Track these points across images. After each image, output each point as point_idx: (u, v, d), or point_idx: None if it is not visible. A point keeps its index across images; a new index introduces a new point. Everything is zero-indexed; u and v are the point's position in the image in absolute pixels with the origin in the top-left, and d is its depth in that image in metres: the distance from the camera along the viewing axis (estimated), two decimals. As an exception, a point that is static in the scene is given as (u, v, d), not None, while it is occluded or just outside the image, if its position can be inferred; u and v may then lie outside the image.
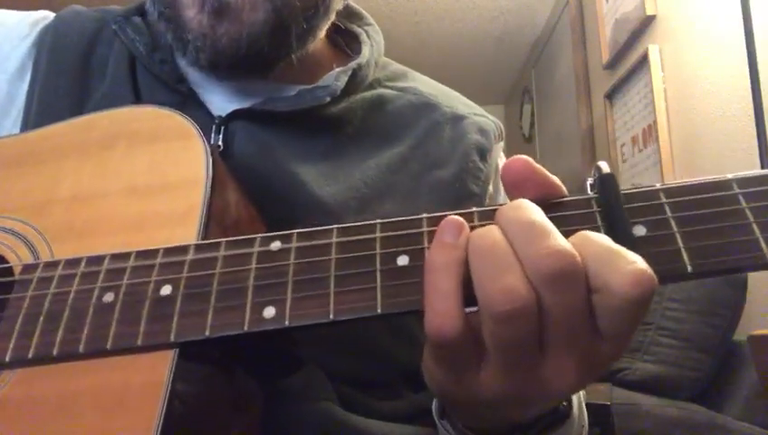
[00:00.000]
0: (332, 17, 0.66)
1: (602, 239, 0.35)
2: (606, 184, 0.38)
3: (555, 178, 0.40)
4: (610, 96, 2.92)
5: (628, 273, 0.33)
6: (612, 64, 2.89)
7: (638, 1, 2.55)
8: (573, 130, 3.37)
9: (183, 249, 0.43)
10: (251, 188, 0.56)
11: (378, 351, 0.62)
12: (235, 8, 0.58)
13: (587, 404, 0.56)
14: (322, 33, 0.67)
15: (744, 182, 0.38)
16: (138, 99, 0.64)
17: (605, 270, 0.34)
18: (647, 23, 2.53)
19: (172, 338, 0.39)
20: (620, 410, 1.56)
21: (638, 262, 0.33)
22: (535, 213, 0.36)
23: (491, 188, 0.69)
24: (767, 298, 1.84)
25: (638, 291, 0.33)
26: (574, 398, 0.49)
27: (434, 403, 0.49)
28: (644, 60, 2.51)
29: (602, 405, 1.48)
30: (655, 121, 2.41)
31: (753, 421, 1.57)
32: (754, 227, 0.36)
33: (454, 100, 0.74)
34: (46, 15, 0.72)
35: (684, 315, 1.79)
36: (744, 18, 1.82)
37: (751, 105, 1.79)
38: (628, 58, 2.70)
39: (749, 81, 1.78)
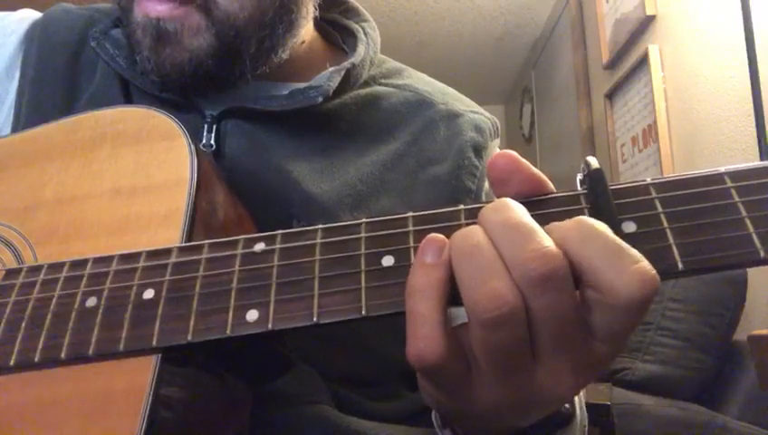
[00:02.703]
0: (300, 32, 0.65)
1: (602, 231, 0.34)
2: (595, 179, 0.37)
3: (541, 174, 0.39)
4: (610, 96, 2.91)
5: (633, 273, 0.32)
6: (612, 64, 2.88)
7: (637, 1, 2.54)
8: (573, 130, 3.37)
9: (166, 252, 0.42)
10: (244, 186, 0.56)
11: (373, 349, 0.61)
12: (175, 35, 0.57)
13: (586, 404, 0.55)
14: (297, 41, 0.65)
15: (737, 176, 0.36)
16: (128, 98, 0.64)
17: (608, 270, 0.32)
18: (647, 23, 2.52)
19: (154, 343, 0.39)
20: (620, 410, 1.55)
21: (643, 262, 0.32)
22: (518, 213, 0.35)
23: (487, 184, 0.69)
24: (767, 298, 1.84)
25: (644, 293, 0.32)
26: (576, 399, 0.48)
27: (433, 413, 0.48)
28: (644, 60, 2.50)
29: (602, 405, 1.47)
30: (655, 121, 2.40)
31: (753, 421, 1.56)
32: (747, 221, 0.35)
33: (449, 97, 0.73)
34: (30, 14, 0.71)
35: (684, 315, 1.79)
36: (744, 18, 1.82)
37: (751, 105, 1.78)
38: (628, 58, 2.70)
39: (749, 81, 1.78)
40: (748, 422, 1.56)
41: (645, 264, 0.32)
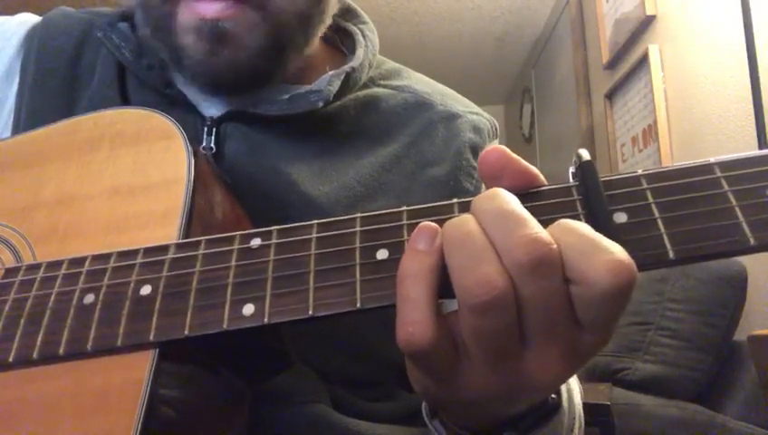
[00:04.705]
0: (328, 22, 0.66)
1: (581, 228, 0.34)
2: (585, 171, 0.38)
3: (533, 168, 0.39)
4: (610, 96, 2.91)
5: (605, 263, 0.32)
6: (612, 64, 2.88)
7: (637, 1, 2.55)
8: (573, 130, 3.37)
9: (163, 249, 0.42)
10: (243, 189, 0.56)
11: (371, 350, 0.61)
12: (233, 34, 0.57)
13: (586, 404, 0.55)
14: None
15: (727, 166, 0.37)
16: (126, 101, 0.64)
17: (582, 261, 0.33)
18: (647, 23, 2.52)
19: (151, 338, 0.39)
20: (620, 410, 1.56)
21: (616, 252, 0.33)
22: (510, 202, 0.35)
23: (484, 186, 0.69)
24: (767, 298, 1.84)
25: (616, 282, 0.32)
26: (563, 390, 0.49)
27: (423, 405, 0.49)
28: (644, 60, 2.51)
29: (602, 405, 1.47)
30: (655, 121, 2.40)
31: (753, 421, 1.56)
32: (737, 210, 0.35)
33: (448, 98, 0.73)
34: (29, 18, 0.71)
35: (684, 315, 1.79)
36: (744, 18, 1.82)
37: (751, 105, 1.79)
38: (628, 58, 2.70)
39: (749, 81, 1.78)
40: (748, 422, 1.56)
41: (618, 255, 0.33)
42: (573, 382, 0.55)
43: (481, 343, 0.35)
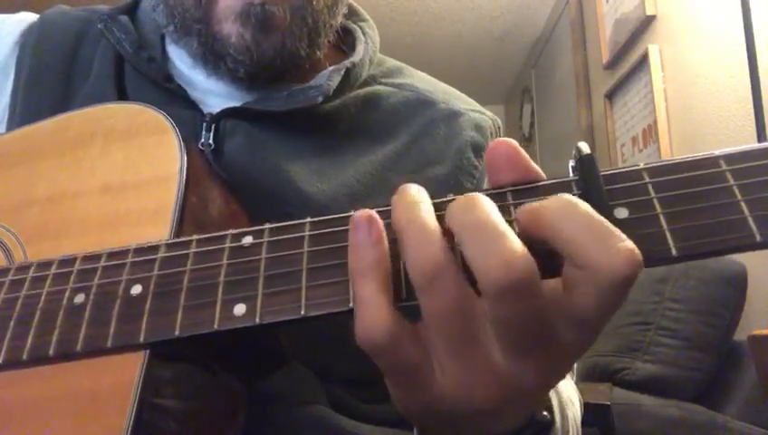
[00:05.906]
0: (344, 11, 0.67)
1: (589, 210, 0.33)
2: (586, 165, 0.36)
3: (538, 169, 0.38)
4: (610, 96, 2.91)
5: (620, 251, 0.31)
6: (612, 64, 2.88)
7: (637, 1, 2.55)
8: (573, 130, 3.37)
9: (154, 248, 0.42)
10: (242, 186, 0.55)
11: None
12: (278, 19, 0.57)
13: (586, 404, 0.54)
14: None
15: (733, 158, 0.36)
16: (123, 96, 0.64)
17: (595, 247, 0.31)
18: (647, 23, 2.52)
19: (142, 339, 0.38)
20: (620, 410, 1.56)
21: (628, 240, 0.32)
22: (487, 211, 0.34)
23: (486, 185, 0.68)
24: (767, 298, 1.83)
25: (629, 271, 0.31)
26: (555, 404, 0.48)
27: (414, 430, 0.47)
28: (644, 60, 2.50)
29: (602, 405, 1.47)
30: (655, 121, 2.40)
31: (753, 421, 1.56)
32: (743, 205, 0.34)
33: (450, 96, 0.73)
34: (27, 17, 0.71)
35: (684, 315, 1.78)
36: (744, 18, 1.82)
37: (751, 105, 1.78)
38: (628, 58, 2.70)
39: (749, 81, 1.78)
40: (748, 422, 1.56)
41: (630, 242, 0.31)
42: (566, 391, 0.54)
43: (449, 343, 0.34)
